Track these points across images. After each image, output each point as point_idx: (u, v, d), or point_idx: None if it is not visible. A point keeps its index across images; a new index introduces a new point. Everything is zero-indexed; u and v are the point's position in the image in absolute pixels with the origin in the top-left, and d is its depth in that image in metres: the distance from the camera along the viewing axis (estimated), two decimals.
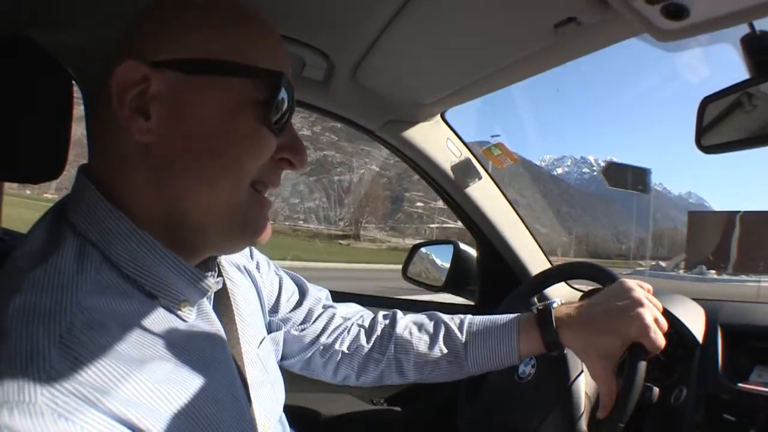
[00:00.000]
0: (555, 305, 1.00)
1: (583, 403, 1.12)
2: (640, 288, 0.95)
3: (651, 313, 0.89)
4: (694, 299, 1.29)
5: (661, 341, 0.88)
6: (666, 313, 0.94)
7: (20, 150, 0.92)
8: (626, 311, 0.90)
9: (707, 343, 1.14)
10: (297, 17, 1.17)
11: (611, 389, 0.91)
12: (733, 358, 1.12)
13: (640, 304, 0.90)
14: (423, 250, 2.02)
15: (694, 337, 1.14)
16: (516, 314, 1.04)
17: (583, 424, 1.10)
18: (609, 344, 0.90)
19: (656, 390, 0.96)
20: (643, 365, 0.88)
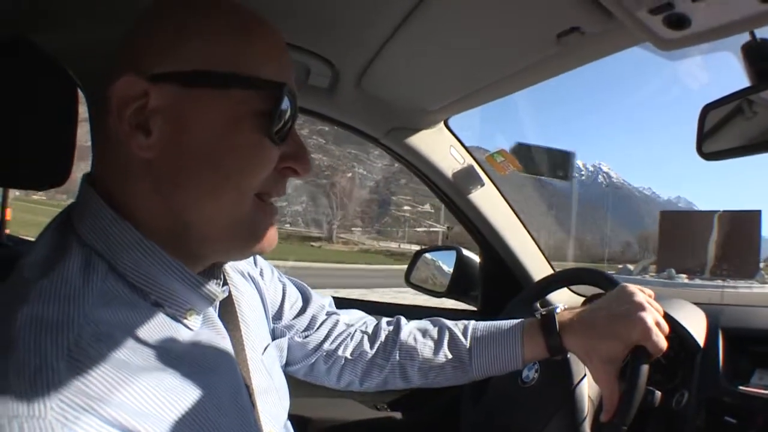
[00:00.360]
0: (558, 310, 1.01)
1: (587, 406, 1.13)
2: (641, 292, 0.96)
3: (652, 316, 0.90)
4: (696, 303, 1.30)
5: (663, 344, 0.89)
6: (667, 318, 0.95)
7: (25, 156, 0.92)
8: (628, 315, 0.91)
9: (708, 346, 1.15)
10: (302, 25, 1.18)
11: (614, 392, 0.92)
12: (734, 362, 1.12)
13: (642, 308, 0.91)
14: (426, 256, 2.02)
15: (695, 341, 1.14)
16: (520, 320, 1.05)
17: (587, 427, 1.10)
18: (611, 348, 0.92)
19: (658, 394, 0.97)
20: (645, 368, 0.89)
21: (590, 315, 0.97)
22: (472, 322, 1.09)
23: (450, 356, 1.06)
